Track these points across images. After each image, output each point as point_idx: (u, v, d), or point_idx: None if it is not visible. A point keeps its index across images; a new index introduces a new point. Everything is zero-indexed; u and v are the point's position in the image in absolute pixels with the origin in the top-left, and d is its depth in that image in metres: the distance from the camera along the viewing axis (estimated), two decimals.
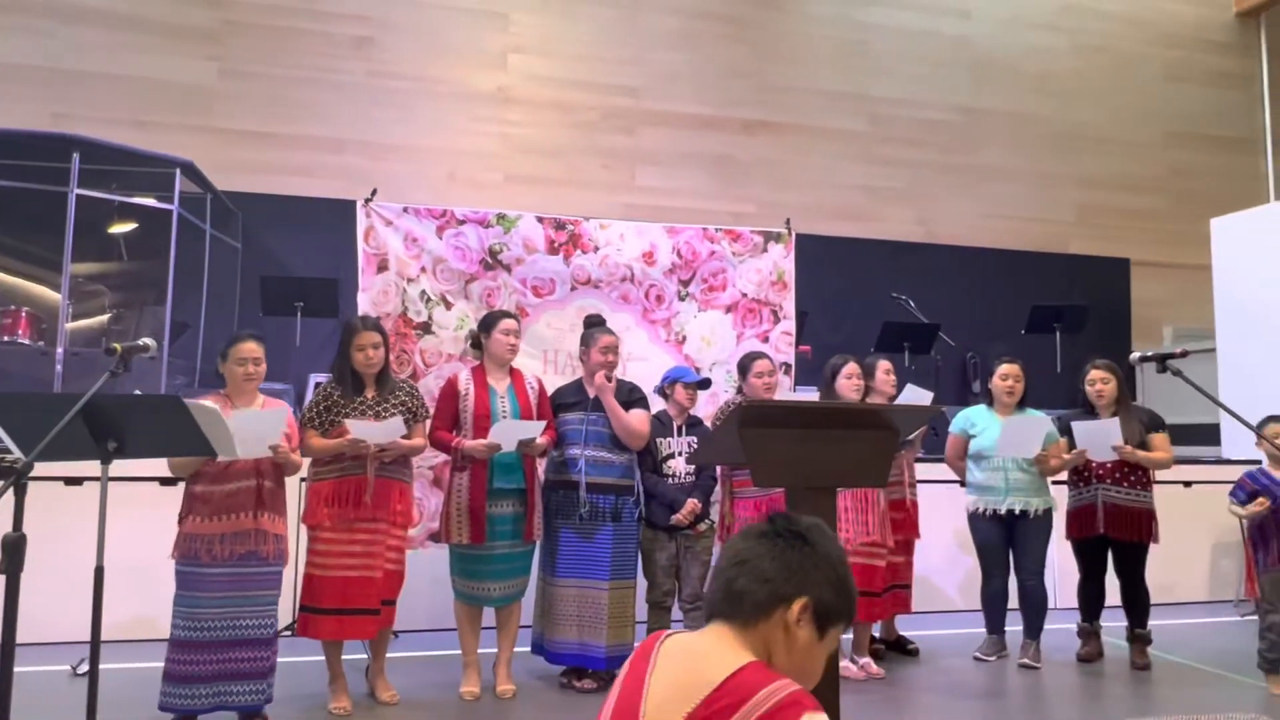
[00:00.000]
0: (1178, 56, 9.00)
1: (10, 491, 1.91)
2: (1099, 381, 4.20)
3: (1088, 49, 8.73)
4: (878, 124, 8.08)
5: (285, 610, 4.39)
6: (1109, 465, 4.13)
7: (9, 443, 2.26)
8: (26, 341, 5.47)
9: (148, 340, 2.54)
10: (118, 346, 2.38)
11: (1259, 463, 4.85)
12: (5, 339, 5.44)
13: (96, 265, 6.31)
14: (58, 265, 5.37)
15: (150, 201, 5.77)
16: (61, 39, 6.51)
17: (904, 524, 4.17)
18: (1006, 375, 4.24)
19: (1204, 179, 8.88)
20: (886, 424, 2.25)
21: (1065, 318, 6.97)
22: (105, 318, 6.29)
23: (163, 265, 5.65)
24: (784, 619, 1.22)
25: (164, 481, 4.11)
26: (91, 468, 4.16)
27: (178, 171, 5.73)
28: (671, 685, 1.17)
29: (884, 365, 4.25)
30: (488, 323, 3.72)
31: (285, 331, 5.86)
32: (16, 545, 1.90)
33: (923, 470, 4.95)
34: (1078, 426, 4.09)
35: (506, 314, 3.75)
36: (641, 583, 3.87)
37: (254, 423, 2.97)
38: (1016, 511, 4.12)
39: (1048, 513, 4.15)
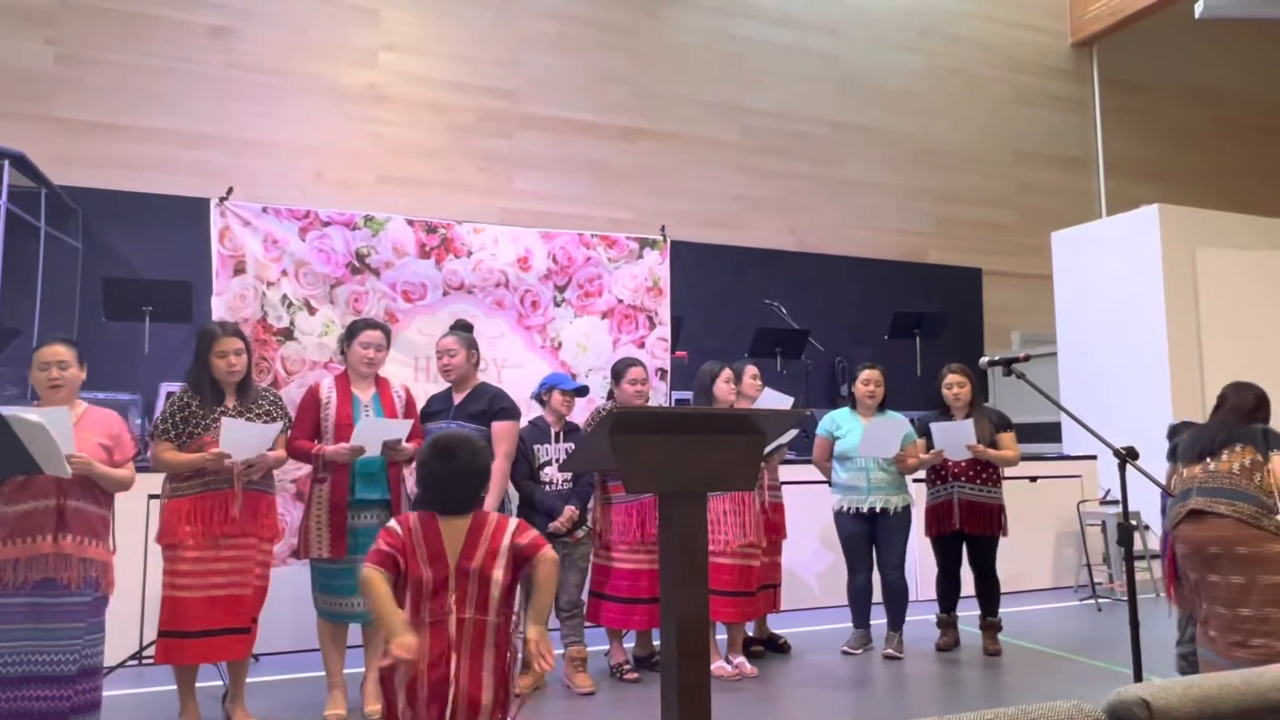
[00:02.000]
0: (1024, 81, 9.67)
1: None
2: (955, 385, 4.44)
3: (944, 70, 9.26)
4: (751, 135, 8.30)
5: (129, 639, 4.11)
6: (963, 464, 4.37)
7: None
8: None
9: None
10: None
11: (1095, 457, 5.22)
12: None
13: None
14: None
15: None
16: None
17: (770, 525, 4.28)
18: (868, 380, 4.43)
19: (1047, 195, 9.58)
20: (756, 428, 2.29)
21: (924, 324, 7.36)
22: None
23: None
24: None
25: None
26: None
27: (5, 163, 5.25)
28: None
29: (751, 370, 4.36)
30: (349, 332, 3.58)
31: (133, 338, 5.47)
32: None
33: (792, 472, 5.11)
34: (936, 428, 4.31)
35: (371, 324, 3.60)
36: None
37: (48, 420, 2.57)
38: (878, 509, 4.30)
39: (907, 509, 4.36)
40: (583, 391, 3.99)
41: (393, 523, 2.13)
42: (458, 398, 3.70)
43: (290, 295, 4.08)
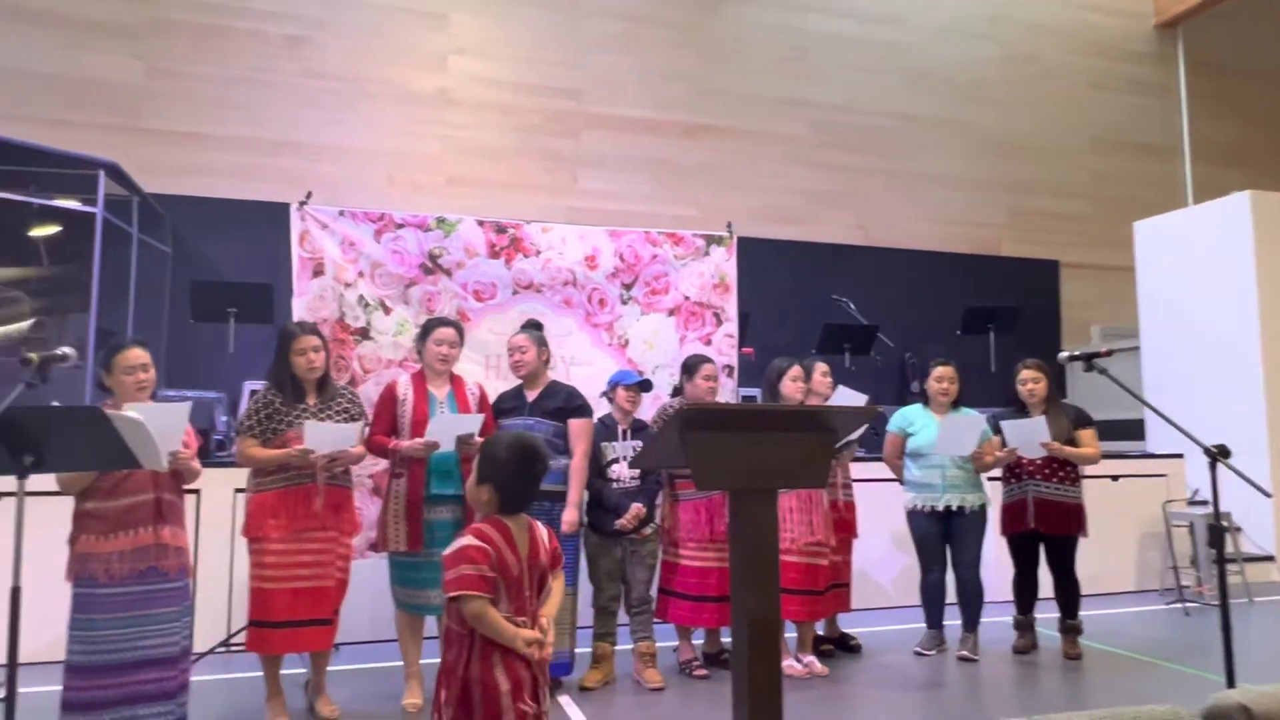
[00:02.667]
0: (1101, 66, 9.33)
1: None
2: (1030, 381, 4.32)
3: (1017, 58, 9.00)
4: (817, 129, 8.20)
5: (218, 627, 4.29)
6: (1039, 462, 4.25)
7: None
8: None
9: (66, 349, 2.43)
10: (33, 356, 2.27)
11: (1181, 456, 5.01)
12: None
13: (16, 270, 6.03)
14: None
15: (73, 204, 5.55)
16: None
17: (840, 523, 4.24)
18: (941, 377, 4.34)
19: (1126, 184, 9.22)
20: (826, 425, 2.27)
21: (998, 318, 7.17)
22: (25, 325, 6.02)
23: (87, 270, 5.44)
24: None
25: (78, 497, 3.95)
26: (6, 483, 3.98)
27: (101, 173, 5.52)
28: None
29: (821, 367, 4.32)
30: (424, 331, 3.68)
31: (218, 338, 5.69)
32: None
33: (861, 469, 5.04)
34: (1007, 425, 4.20)
35: (444, 322, 3.70)
36: (587, 588, 3.85)
37: (159, 418, 2.70)
38: (953, 508, 4.21)
39: (983, 508, 4.26)
40: (646, 387, 4.00)
41: (474, 540, 2.07)
42: (531, 394, 3.76)
43: (366, 296, 4.20)
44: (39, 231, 5.99)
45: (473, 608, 2.00)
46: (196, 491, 4.25)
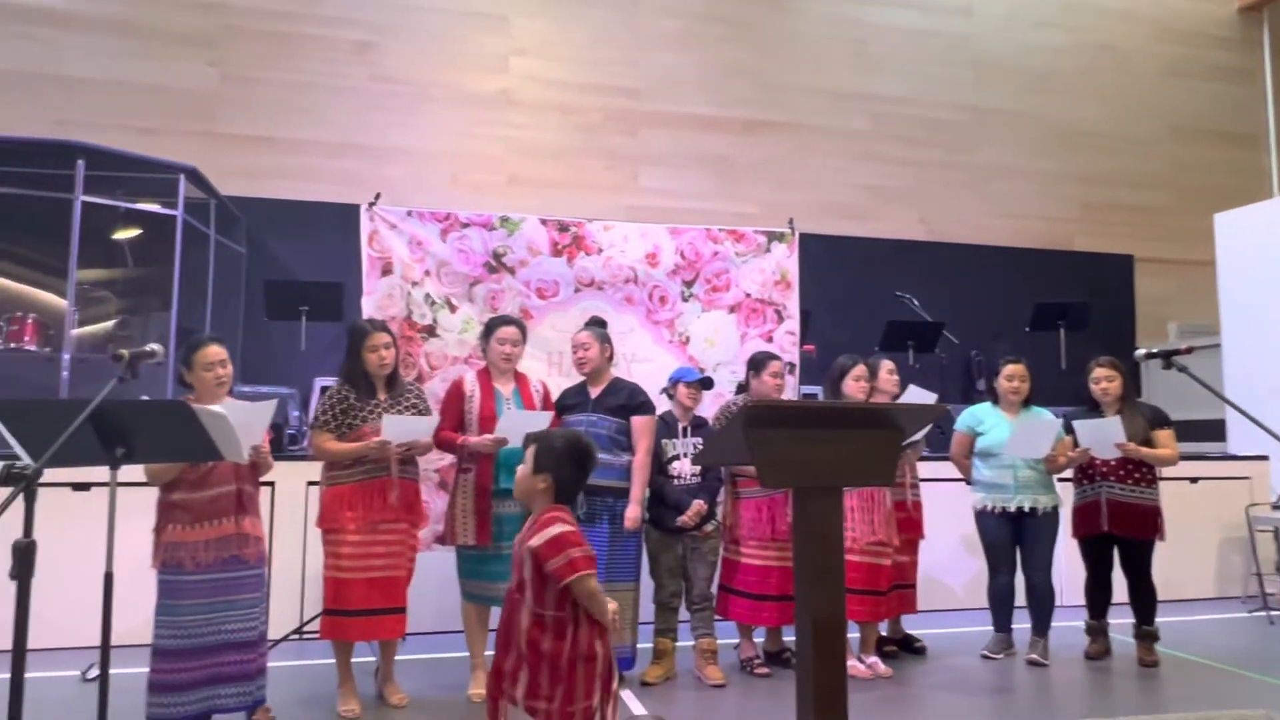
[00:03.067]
0: (1180, 52, 8.99)
1: (20, 498, 1.92)
2: (1103, 379, 4.19)
3: (1089, 46, 8.72)
4: (880, 123, 8.08)
5: (291, 615, 4.43)
6: (1113, 463, 4.12)
7: (18, 449, 2.27)
8: (33, 348, 5.49)
9: (154, 346, 2.54)
10: (124, 353, 2.38)
11: (1266, 458, 4.82)
12: (12, 345, 5.45)
13: (102, 271, 6.32)
14: (63, 272, 5.38)
15: (155, 207, 5.79)
16: (63, 46, 6.53)
17: (907, 523, 4.18)
18: (1012, 375, 4.24)
19: (1207, 174, 8.86)
20: (893, 423, 2.24)
21: (1069, 315, 6.96)
22: (111, 324, 6.30)
23: (168, 271, 5.67)
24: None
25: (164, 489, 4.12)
26: (98, 473, 4.18)
27: (181, 177, 5.74)
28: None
29: (887, 365, 4.26)
30: (487, 329, 3.75)
31: (291, 336, 5.87)
32: (26, 552, 1.91)
33: (929, 469, 4.95)
34: (1080, 425, 4.08)
35: (507, 320, 3.76)
36: (649, 584, 3.87)
37: (244, 415, 2.84)
38: (1025, 509, 4.11)
39: (1055, 510, 4.15)
40: (707, 384, 4.00)
41: (567, 525, 2.23)
42: (594, 391, 3.80)
43: (433, 294, 4.29)
44: (123, 234, 6.27)
45: (590, 585, 2.17)
46: (271, 484, 4.40)
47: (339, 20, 7.06)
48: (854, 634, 4.03)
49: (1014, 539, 4.17)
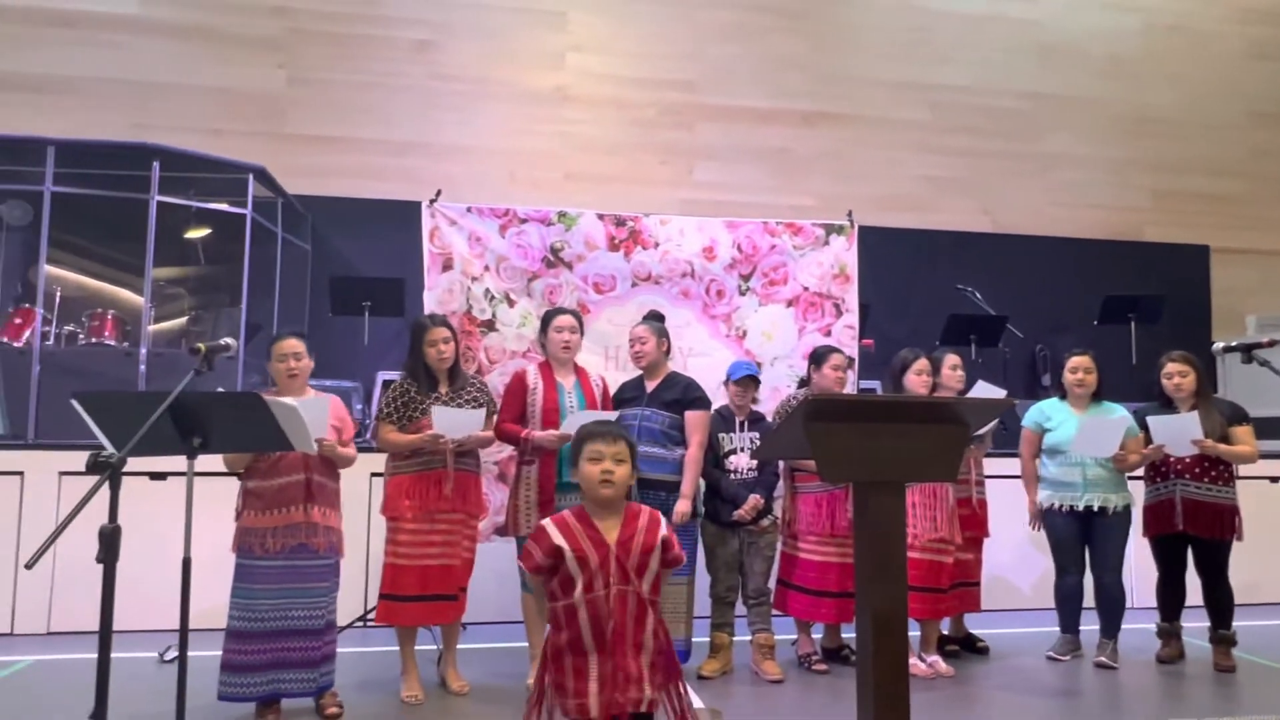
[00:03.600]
0: (1259, 33, 8.60)
1: (105, 485, 2.00)
2: (1176, 374, 4.05)
3: (1160, 28, 8.41)
4: (940, 113, 7.91)
5: (355, 602, 4.54)
6: (1188, 460, 3.98)
7: (102, 439, 2.37)
8: (112, 343, 5.71)
9: (229, 340, 2.63)
10: (202, 346, 2.47)
11: None
12: (93, 341, 5.68)
13: (176, 269, 6.55)
14: (140, 270, 5.59)
15: (224, 207, 5.97)
16: (140, 53, 6.78)
17: (971, 521, 4.10)
18: (1076, 368, 4.12)
19: None
20: (957, 417, 2.20)
21: (1140, 308, 6.74)
22: (184, 320, 6.53)
23: (237, 268, 5.84)
24: None
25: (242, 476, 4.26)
26: (173, 463, 4.34)
27: (250, 177, 5.91)
28: None
29: (951, 360, 4.17)
30: (544, 321, 3.78)
31: (354, 331, 6.00)
32: (112, 536, 1.99)
33: (995, 465, 4.85)
34: (1154, 421, 3.95)
35: (562, 310, 3.80)
36: (705, 578, 3.87)
37: (307, 408, 2.88)
38: (1095, 508, 4.00)
39: (1126, 509, 4.03)
40: (746, 381, 3.92)
41: (546, 522, 2.25)
42: (650, 385, 3.80)
43: (492, 289, 4.35)
44: (195, 233, 6.48)
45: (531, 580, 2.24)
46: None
47: (400, 20, 7.19)
48: (914, 632, 3.97)
49: (1082, 538, 4.06)
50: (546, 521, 2.23)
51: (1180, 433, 3.87)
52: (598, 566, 2.16)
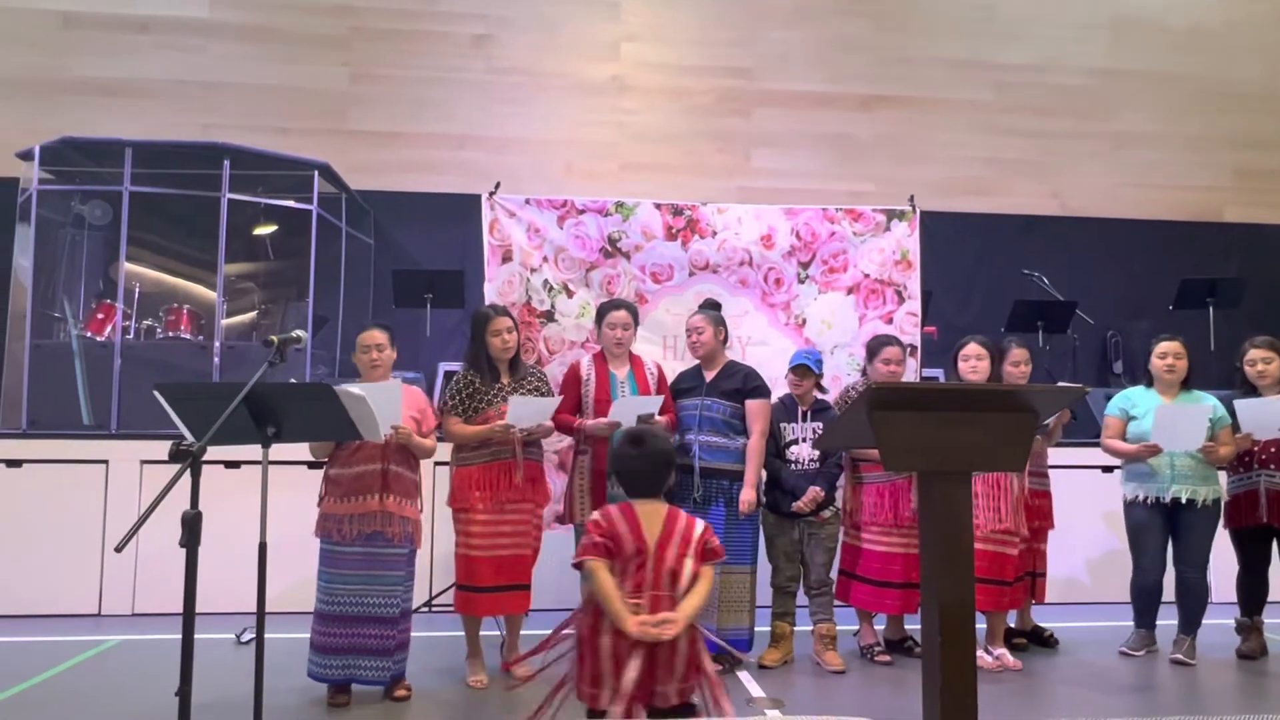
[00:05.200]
0: None
1: (187, 473, 2.09)
2: (1260, 360, 3.89)
3: None
4: (1004, 93, 7.69)
5: (420, 589, 4.64)
6: (1273, 450, 3.82)
7: (182, 428, 2.47)
8: (188, 336, 5.93)
9: (299, 332, 2.71)
10: (275, 339, 2.55)
11: None
12: (170, 334, 5.91)
13: (245, 265, 6.76)
14: (213, 265, 5.78)
15: (291, 203, 6.13)
16: (209, 55, 6.98)
17: (1036, 512, 4.02)
18: (1165, 353, 3.96)
19: None
20: (1025, 406, 2.15)
21: (1219, 291, 6.48)
22: (254, 314, 6.73)
23: (304, 263, 6.00)
24: None
25: (311, 465, 4.39)
26: (247, 452, 4.49)
27: (316, 174, 6.05)
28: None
29: (1016, 354, 4.01)
30: (599, 314, 3.81)
31: (416, 322, 6.11)
32: (194, 522, 2.08)
33: (1066, 455, 4.73)
34: (1242, 405, 3.79)
35: (616, 305, 3.82)
36: (767, 567, 3.87)
37: (376, 395, 2.90)
38: (1182, 500, 3.85)
39: (1216, 503, 3.87)
40: (800, 369, 3.89)
41: (595, 514, 2.33)
42: (709, 374, 3.81)
43: (551, 280, 4.39)
44: (263, 229, 6.68)
45: (587, 565, 2.23)
46: None
47: (458, 15, 7.27)
48: (980, 625, 3.90)
49: (1165, 531, 3.91)
50: (598, 513, 2.31)
51: (1269, 418, 3.71)
52: (636, 566, 2.23)
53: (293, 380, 4.49)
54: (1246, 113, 7.93)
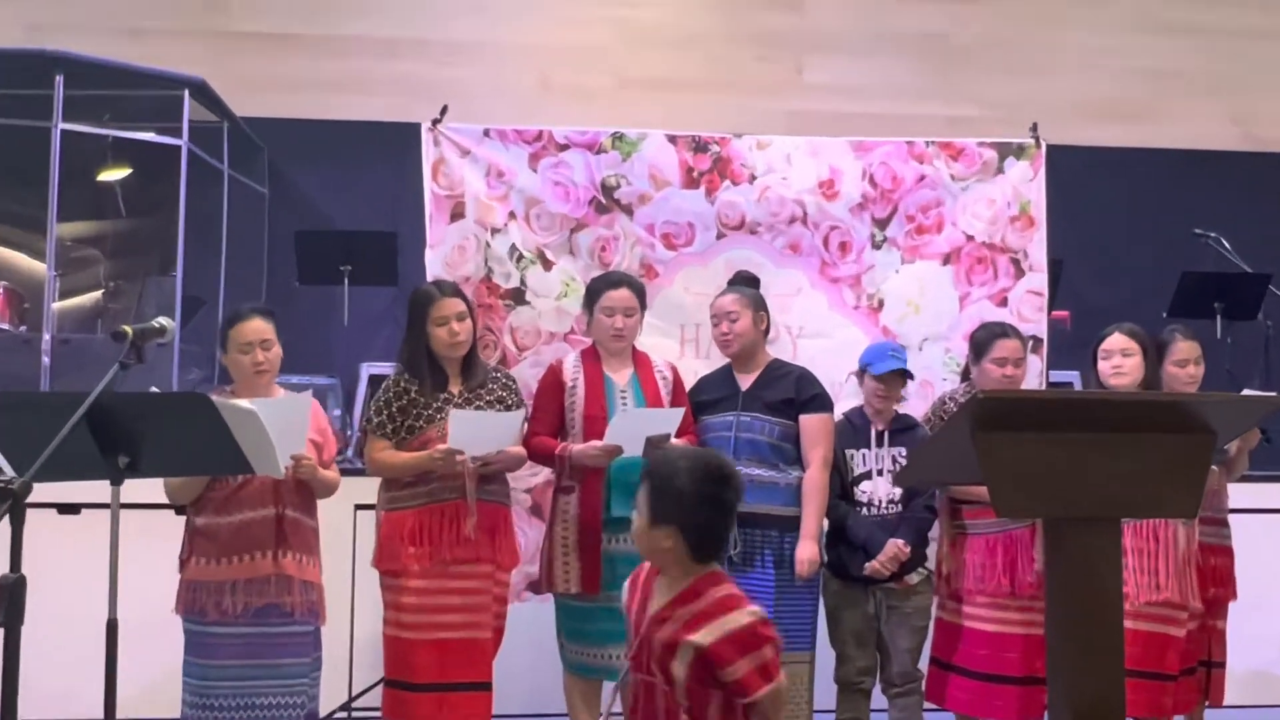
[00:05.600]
0: None
1: (6, 519, 2.08)
2: None
3: None
4: None
5: (338, 685, 4.65)
6: None
7: None
8: (5, 326, 5.92)
9: (163, 321, 2.70)
10: (128, 330, 2.54)
11: None
12: None
13: (86, 224, 6.77)
14: (40, 225, 5.78)
15: (151, 136, 6.14)
16: None
17: (1212, 576, 4.03)
18: None
19: None
20: (1197, 423, 2.17)
21: None
22: (99, 294, 6.74)
23: (170, 221, 6.01)
24: None
25: (181, 510, 4.40)
26: (92, 491, 4.50)
27: (185, 94, 6.05)
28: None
29: (1182, 349, 4.01)
30: (590, 294, 3.82)
31: (329, 306, 6.13)
32: (16, 590, 2.07)
33: (1253, 494, 4.73)
34: None
35: (615, 281, 3.82)
36: (826, 655, 3.87)
37: (277, 413, 2.97)
38: None
39: None
40: (893, 378, 3.90)
41: (751, 616, 2.21)
42: (745, 380, 3.80)
43: (520, 245, 4.39)
44: (112, 174, 6.68)
45: (782, 692, 2.21)
46: None
47: None
48: None
49: None
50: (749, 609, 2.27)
51: None
52: (633, 634, 2.30)
53: (155, 389, 4.48)
54: None
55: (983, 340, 3.93)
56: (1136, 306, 5.80)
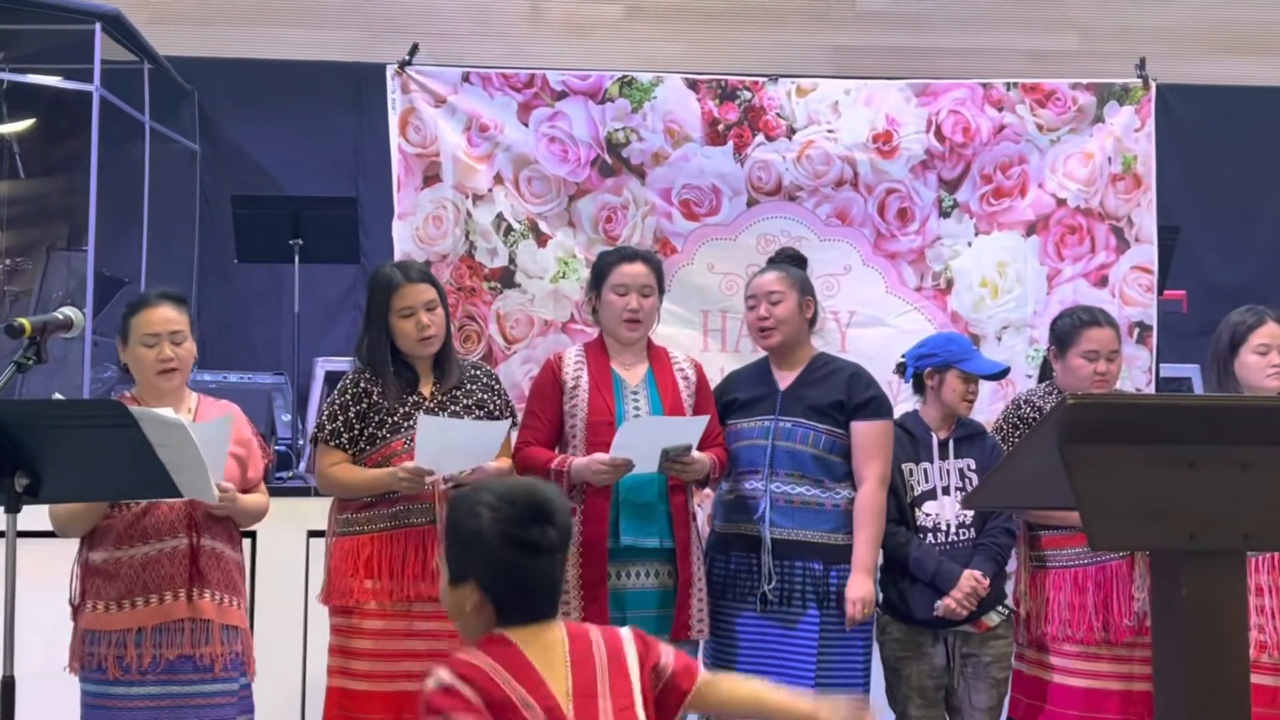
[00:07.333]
0: None
1: None
2: None
3: None
4: None
5: None
6: None
7: None
8: None
9: (69, 312, 2.72)
10: (25, 323, 2.55)
11: None
12: None
13: None
14: None
15: (57, 81, 6.15)
16: None
17: None
18: None
19: None
20: None
21: None
22: None
23: (79, 184, 6.03)
24: None
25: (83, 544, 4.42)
26: None
27: (97, 28, 6.05)
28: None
29: (1271, 330, 4.03)
30: (596, 272, 3.81)
31: (274, 288, 6.15)
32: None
33: None
34: None
35: (628, 255, 3.81)
36: (888, 714, 3.88)
37: (201, 430, 2.95)
38: None
39: None
40: (1001, 373, 3.95)
41: (450, 678, 2.08)
42: (785, 378, 3.80)
43: (508, 214, 4.41)
44: (8, 127, 6.71)
45: None
46: (251, 535, 4.64)
47: None
48: None
49: None
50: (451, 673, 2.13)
51: None
52: None
53: (58, 396, 4.51)
54: None
55: (1066, 329, 3.91)
56: (1268, 286, 5.80)
